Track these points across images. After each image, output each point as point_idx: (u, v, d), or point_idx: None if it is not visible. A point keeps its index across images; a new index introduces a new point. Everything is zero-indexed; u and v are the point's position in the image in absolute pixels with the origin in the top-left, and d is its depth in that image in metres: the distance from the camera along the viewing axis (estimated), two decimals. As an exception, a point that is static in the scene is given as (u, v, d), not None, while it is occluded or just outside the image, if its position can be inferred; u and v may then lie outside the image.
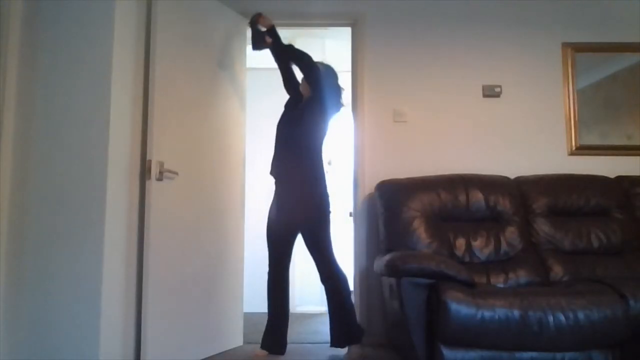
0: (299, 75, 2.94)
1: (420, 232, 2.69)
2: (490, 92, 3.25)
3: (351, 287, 3.07)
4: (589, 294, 2.13)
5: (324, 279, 2.73)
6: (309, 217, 2.69)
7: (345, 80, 3.31)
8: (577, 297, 2.10)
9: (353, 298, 2.98)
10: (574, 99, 3.26)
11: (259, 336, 2.70)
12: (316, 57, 2.86)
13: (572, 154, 3.23)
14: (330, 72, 2.89)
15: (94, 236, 2.16)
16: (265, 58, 2.98)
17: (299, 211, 2.66)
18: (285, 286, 2.75)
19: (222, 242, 2.90)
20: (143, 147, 2.49)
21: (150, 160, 2.43)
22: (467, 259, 2.68)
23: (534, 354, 2.09)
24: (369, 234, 3.09)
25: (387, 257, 2.24)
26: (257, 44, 2.87)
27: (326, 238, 2.74)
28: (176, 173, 2.54)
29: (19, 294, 2.14)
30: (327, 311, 2.77)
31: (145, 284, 2.38)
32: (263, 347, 2.71)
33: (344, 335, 2.73)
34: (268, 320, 2.73)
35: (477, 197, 2.81)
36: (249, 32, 3.24)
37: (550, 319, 2.03)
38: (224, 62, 3.01)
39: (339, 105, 2.89)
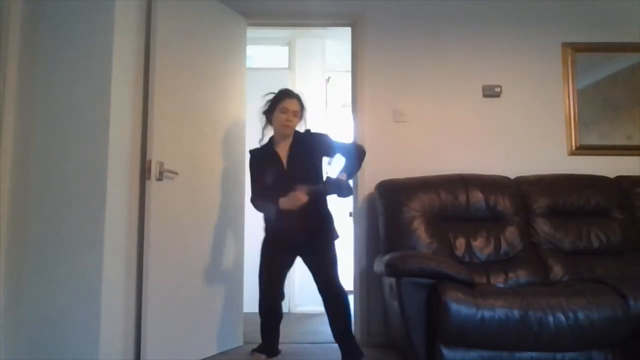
0: None
1: (420, 232, 2.69)
2: (490, 92, 3.25)
3: (351, 287, 3.07)
4: (589, 294, 2.12)
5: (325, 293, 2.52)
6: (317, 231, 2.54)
7: (345, 80, 3.32)
8: (577, 297, 2.10)
9: (352, 298, 2.98)
10: (574, 99, 3.26)
11: (258, 336, 2.70)
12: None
13: (572, 154, 3.23)
14: None
15: (94, 236, 2.16)
16: (265, 58, 2.98)
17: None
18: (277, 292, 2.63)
19: (222, 242, 2.90)
20: (143, 147, 2.49)
21: (150, 160, 2.43)
22: (467, 259, 2.68)
23: (534, 354, 2.09)
24: (369, 234, 3.09)
25: (387, 257, 2.24)
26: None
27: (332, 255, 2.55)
28: (176, 173, 2.54)
29: (19, 294, 2.14)
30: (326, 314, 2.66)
31: (145, 284, 2.38)
32: (261, 352, 2.62)
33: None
34: (265, 338, 2.63)
35: (477, 197, 2.81)
36: (249, 32, 3.25)
37: (550, 319, 2.03)
38: (224, 62, 3.01)
39: None
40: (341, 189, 2.43)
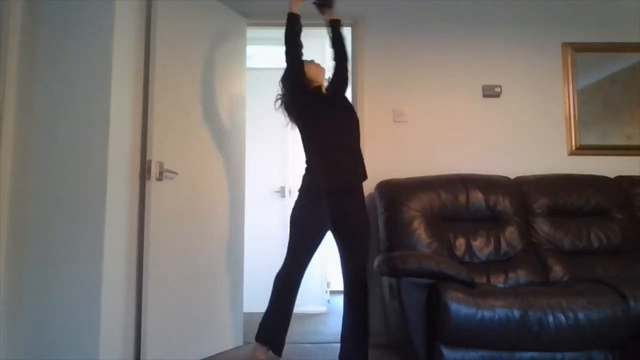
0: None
1: (420, 232, 2.69)
2: (490, 92, 3.25)
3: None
4: (589, 294, 2.12)
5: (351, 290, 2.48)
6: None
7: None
8: (577, 297, 2.10)
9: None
10: (574, 99, 3.26)
11: (259, 336, 2.70)
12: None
13: (572, 154, 3.23)
14: None
15: (94, 236, 2.16)
16: (265, 58, 2.97)
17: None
18: (297, 286, 2.66)
19: (222, 242, 2.90)
20: (143, 147, 2.49)
21: (150, 160, 2.43)
22: (467, 259, 2.68)
23: (534, 354, 2.09)
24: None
25: (387, 257, 2.24)
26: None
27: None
28: (176, 173, 2.55)
29: (19, 294, 2.14)
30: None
31: (145, 284, 2.38)
32: (261, 341, 2.55)
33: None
34: (268, 316, 2.59)
35: (477, 197, 2.81)
36: (249, 32, 3.25)
37: (550, 319, 2.03)
38: (224, 62, 3.01)
39: None
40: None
